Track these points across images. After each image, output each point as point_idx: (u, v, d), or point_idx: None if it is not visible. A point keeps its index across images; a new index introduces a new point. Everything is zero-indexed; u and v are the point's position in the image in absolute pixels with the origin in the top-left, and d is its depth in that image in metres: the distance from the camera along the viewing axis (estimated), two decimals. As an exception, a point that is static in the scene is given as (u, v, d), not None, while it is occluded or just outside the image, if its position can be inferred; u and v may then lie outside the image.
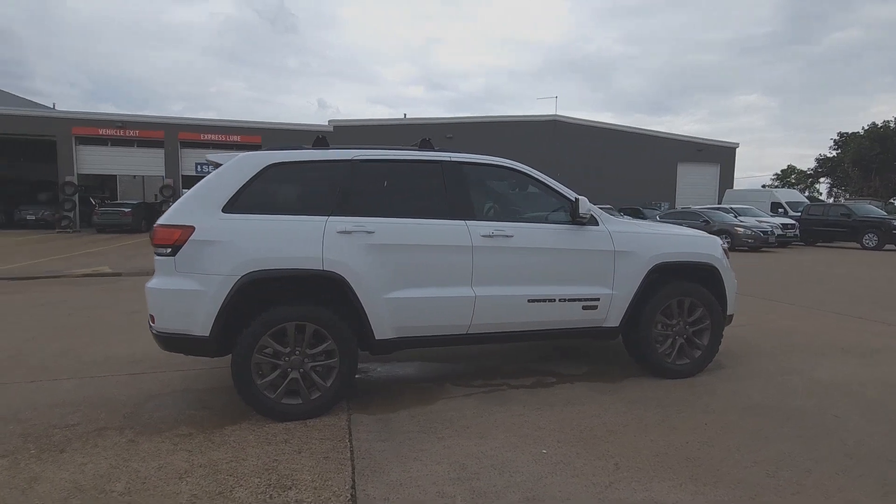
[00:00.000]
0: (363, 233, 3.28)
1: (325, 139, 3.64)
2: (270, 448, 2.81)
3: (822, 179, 54.55)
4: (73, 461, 2.66)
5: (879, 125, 44.55)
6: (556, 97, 52.31)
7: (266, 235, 3.16)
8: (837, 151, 49.18)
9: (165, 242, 3.12)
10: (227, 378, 3.24)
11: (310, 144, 3.58)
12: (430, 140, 3.86)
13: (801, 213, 19.78)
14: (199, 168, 24.53)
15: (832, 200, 44.98)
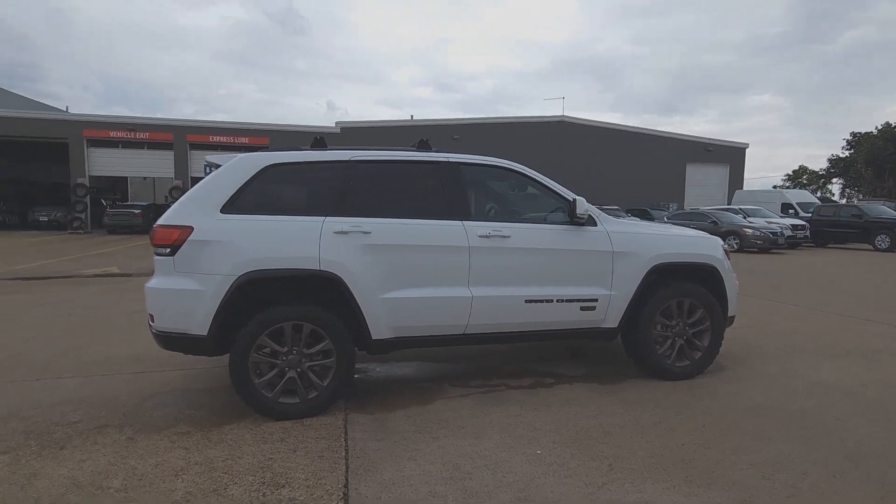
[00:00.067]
0: (360, 233, 3.30)
1: (324, 140, 3.66)
2: (266, 446, 2.84)
3: (835, 180, 53.97)
4: (73, 458, 2.69)
5: (893, 125, 43.95)
6: (563, 98, 51.72)
7: (264, 236, 3.19)
8: (850, 151, 48.64)
9: (164, 242, 3.16)
10: (228, 378, 3.27)
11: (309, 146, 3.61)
12: (429, 141, 3.87)
13: (812, 214, 19.51)
14: (208, 169, 24.71)
15: (845, 201, 44.46)
